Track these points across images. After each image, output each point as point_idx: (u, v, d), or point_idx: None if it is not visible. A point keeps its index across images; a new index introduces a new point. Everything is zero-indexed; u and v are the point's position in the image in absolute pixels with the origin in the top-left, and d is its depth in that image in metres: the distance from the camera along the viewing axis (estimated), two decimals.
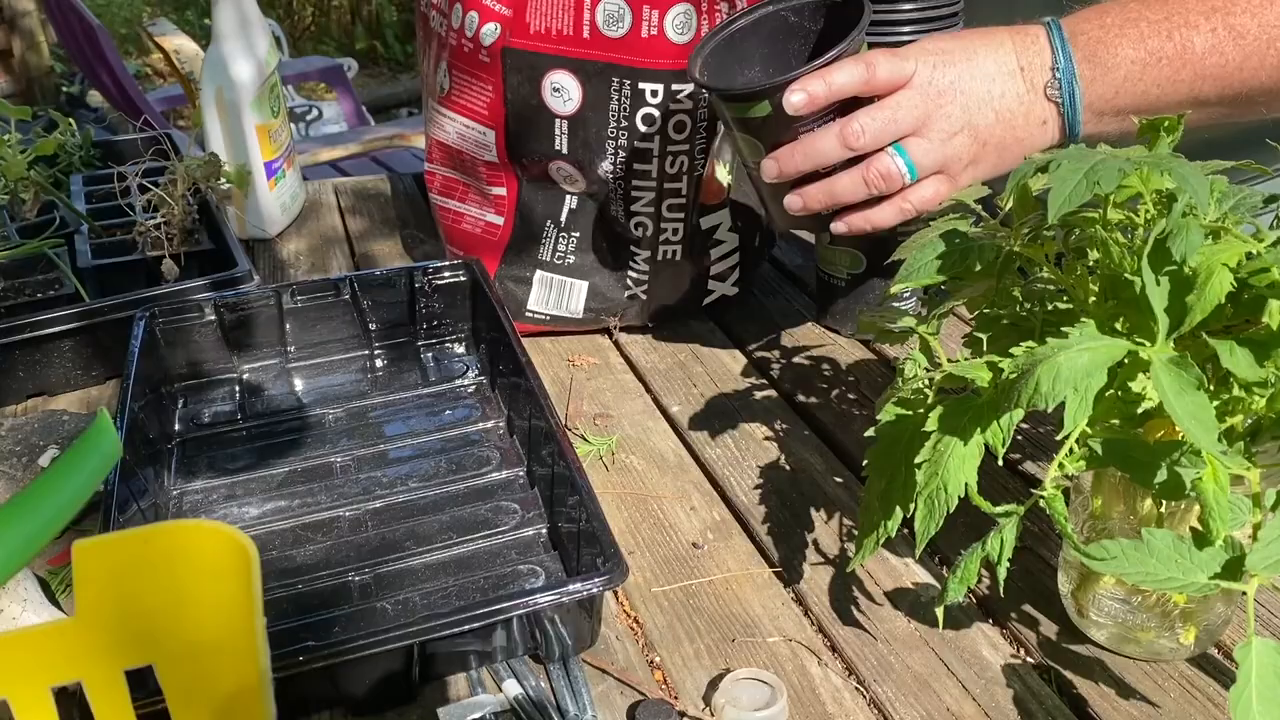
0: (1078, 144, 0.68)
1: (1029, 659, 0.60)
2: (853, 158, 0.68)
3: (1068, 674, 0.58)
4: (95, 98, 4.38)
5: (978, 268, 0.60)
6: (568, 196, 0.90)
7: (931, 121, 0.68)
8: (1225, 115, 0.70)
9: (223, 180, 1.07)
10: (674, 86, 0.84)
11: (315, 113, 3.55)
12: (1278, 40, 0.66)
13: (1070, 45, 0.68)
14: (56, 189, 1.08)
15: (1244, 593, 0.49)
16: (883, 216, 0.70)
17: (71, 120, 1.22)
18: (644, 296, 0.93)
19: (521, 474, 0.74)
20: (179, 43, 3.20)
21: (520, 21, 0.84)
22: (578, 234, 0.91)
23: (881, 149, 0.68)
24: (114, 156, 1.21)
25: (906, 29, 0.80)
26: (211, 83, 1.12)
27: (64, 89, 4.64)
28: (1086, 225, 0.57)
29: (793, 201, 0.71)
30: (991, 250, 0.60)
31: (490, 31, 0.86)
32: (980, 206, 0.67)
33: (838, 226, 0.72)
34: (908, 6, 0.80)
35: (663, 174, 0.88)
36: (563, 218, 0.91)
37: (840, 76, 0.66)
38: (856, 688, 0.58)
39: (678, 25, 0.82)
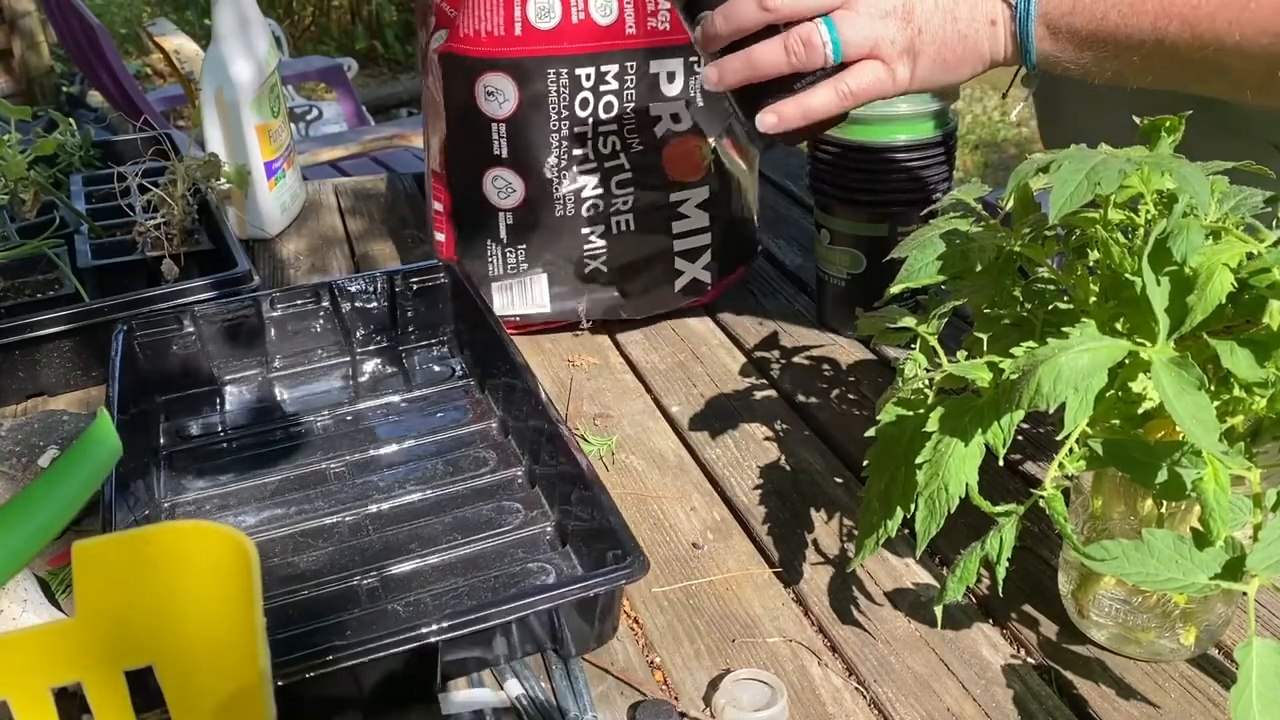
0: (1033, 66, 0.65)
1: (1029, 659, 0.60)
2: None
3: (1068, 674, 0.58)
4: (95, 98, 4.38)
5: (978, 268, 0.60)
6: (501, 214, 0.90)
7: None
8: (1185, 75, 0.64)
9: (223, 180, 1.07)
10: (602, 68, 0.85)
11: (315, 113, 3.54)
12: None
13: None
14: (56, 189, 1.08)
15: (1244, 593, 0.49)
16: (818, 100, 0.65)
17: (71, 120, 1.22)
18: (605, 269, 0.93)
19: (520, 473, 0.74)
20: (179, 43, 3.19)
21: (456, 25, 0.84)
22: (524, 245, 0.91)
23: (805, 20, 0.64)
24: (114, 156, 1.22)
25: None
26: (211, 83, 1.12)
27: (64, 89, 4.64)
28: (1087, 225, 0.57)
29: (709, 74, 0.66)
30: (991, 250, 0.60)
31: (439, 36, 0.86)
32: (980, 206, 0.67)
33: (766, 118, 0.66)
34: None
35: (599, 155, 0.88)
36: (502, 234, 0.91)
37: None
38: (856, 688, 0.58)
39: (600, 7, 0.84)
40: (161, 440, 0.80)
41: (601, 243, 0.92)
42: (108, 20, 5.52)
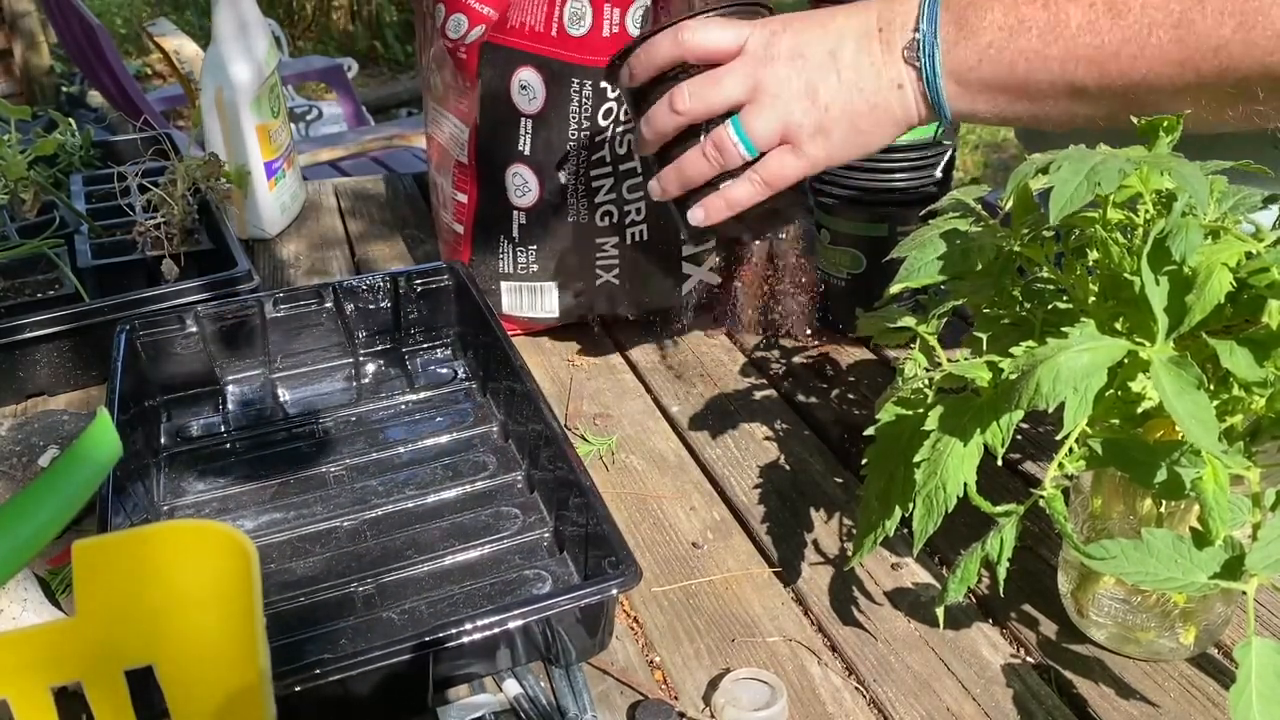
0: (948, 120, 0.65)
1: (1029, 659, 0.60)
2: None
3: (1068, 674, 0.58)
4: (95, 98, 4.38)
5: (978, 268, 0.60)
6: (515, 212, 0.90)
7: (763, 87, 0.65)
8: (1112, 114, 0.64)
9: (223, 180, 1.07)
10: None
11: (315, 113, 3.55)
12: (1159, 27, 0.58)
13: (939, 6, 0.63)
14: (56, 189, 1.09)
15: (1244, 592, 0.49)
16: (737, 193, 0.68)
17: (71, 120, 1.22)
18: (616, 281, 0.93)
19: (520, 478, 0.74)
20: (179, 43, 3.19)
21: (501, 17, 0.84)
22: (535, 246, 0.91)
23: (720, 123, 0.66)
24: (114, 156, 1.22)
25: None
26: (211, 83, 1.12)
27: (64, 89, 4.64)
28: (1086, 225, 0.57)
29: (652, 188, 0.70)
30: (991, 250, 0.60)
31: (473, 29, 0.86)
32: (980, 206, 0.67)
33: (695, 214, 0.69)
34: None
35: (615, 156, 0.88)
36: (514, 232, 0.91)
37: (658, 41, 0.66)
38: (856, 688, 0.58)
39: (638, 21, 0.83)
40: (162, 440, 0.79)
41: (614, 252, 0.92)
42: (108, 20, 5.52)
